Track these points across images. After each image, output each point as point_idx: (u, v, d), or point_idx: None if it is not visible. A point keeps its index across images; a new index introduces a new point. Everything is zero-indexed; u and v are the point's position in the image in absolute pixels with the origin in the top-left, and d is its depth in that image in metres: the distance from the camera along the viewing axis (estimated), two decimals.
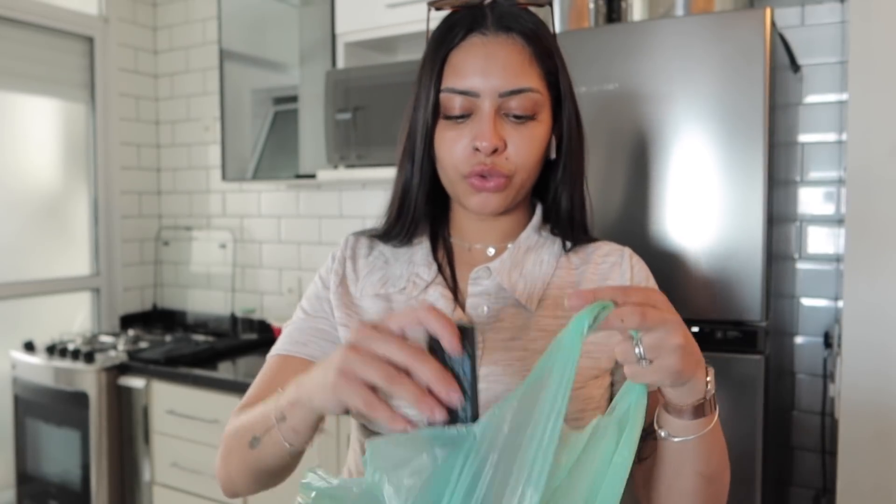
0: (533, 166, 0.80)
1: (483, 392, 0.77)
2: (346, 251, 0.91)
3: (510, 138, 0.78)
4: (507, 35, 0.78)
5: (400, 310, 0.84)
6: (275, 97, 2.62)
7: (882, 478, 1.41)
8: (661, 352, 0.57)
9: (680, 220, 1.46)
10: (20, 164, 2.72)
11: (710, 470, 0.68)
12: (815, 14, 1.87)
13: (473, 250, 0.88)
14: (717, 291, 1.43)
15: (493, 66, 0.77)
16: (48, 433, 2.47)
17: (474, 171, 0.78)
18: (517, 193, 0.81)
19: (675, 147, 1.46)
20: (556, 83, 0.81)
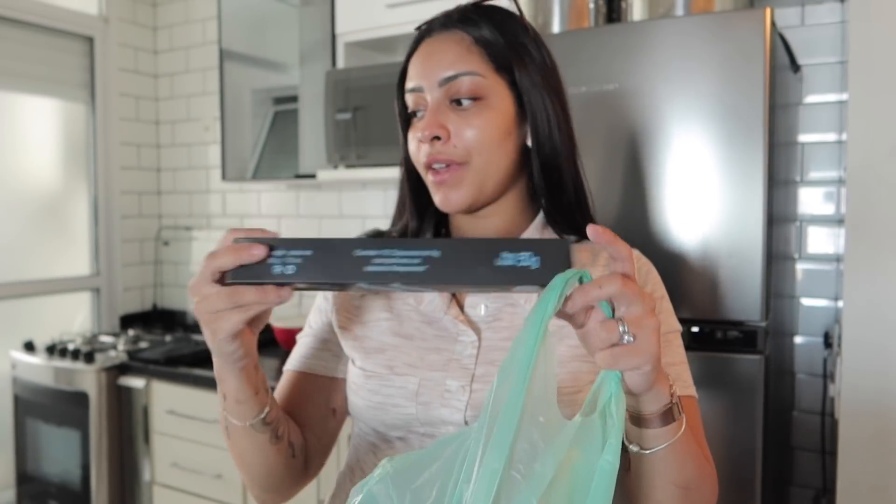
0: (490, 150, 0.78)
1: (478, 392, 0.77)
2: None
3: (455, 124, 0.78)
4: (449, 31, 0.81)
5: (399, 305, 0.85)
6: (275, 97, 2.62)
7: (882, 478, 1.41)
8: (643, 330, 0.57)
9: (680, 220, 1.46)
10: (20, 164, 2.72)
11: (685, 479, 0.67)
12: (815, 14, 1.87)
13: None
14: (717, 291, 1.43)
15: (431, 60, 0.79)
16: (48, 433, 2.47)
17: (426, 162, 0.79)
18: (482, 182, 0.79)
19: (675, 147, 1.45)
20: (509, 67, 0.79)
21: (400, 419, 0.80)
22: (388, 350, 0.82)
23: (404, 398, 0.79)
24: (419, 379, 0.79)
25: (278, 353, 2.48)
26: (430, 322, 0.83)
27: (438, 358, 0.80)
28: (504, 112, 0.79)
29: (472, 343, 0.80)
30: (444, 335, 0.82)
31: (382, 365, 0.81)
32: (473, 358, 0.79)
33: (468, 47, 0.79)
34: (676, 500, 0.69)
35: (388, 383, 0.80)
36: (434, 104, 0.79)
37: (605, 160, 1.52)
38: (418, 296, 0.85)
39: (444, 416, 0.77)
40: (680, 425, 0.64)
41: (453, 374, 0.79)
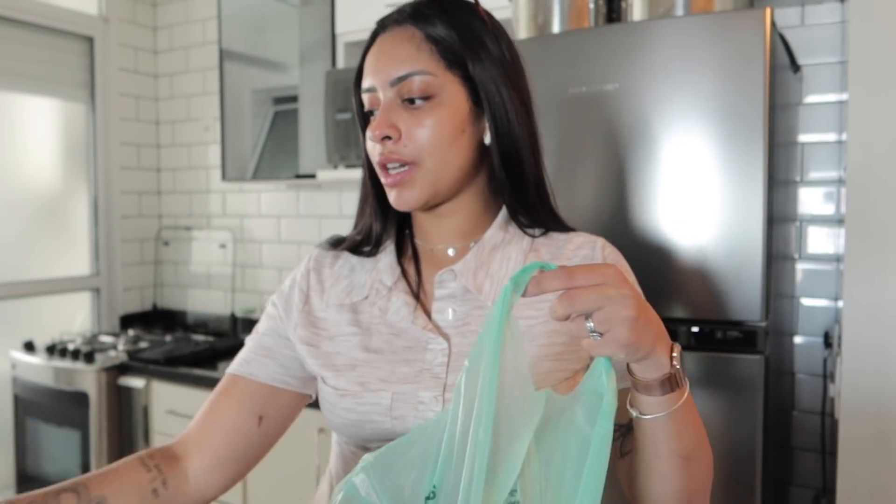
0: (443, 149, 0.77)
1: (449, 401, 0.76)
2: (309, 264, 0.91)
3: (405, 123, 0.77)
4: (401, 27, 0.79)
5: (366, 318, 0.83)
6: (275, 97, 2.62)
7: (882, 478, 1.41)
8: (612, 324, 0.57)
9: (680, 220, 1.46)
10: (20, 164, 2.72)
11: (687, 448, 0.68)
12: (815, 14, 1.87)
13: (436, 251, 0.86)
14: (717, 291, 1.43)
15: (383, 59, 0.79)
16: (48, 433, 2.47)
17: (378, 162, 0.79)
18: (437, 181, 0.79)
19: (675, 147, 1.45)
20: (462, 63, 0.78)
21: (377, 434, 0.79)
22: (359, 366, 0.81)
23: (379, 414, 0.78)
24: (391, 393, 0.78)
25: None
26: (399, 333, 0.81)
27: (409, 370, 0.79)
28: (457, 109, 0.78)
29: (441, 350, 0.79)
30: (414, 345, 0.80)
31: (355, 382, 0.80)
32: (444, 366, 0.78)
33: (418, 45, 0.78)
34: (677, 470, 0.69)
35: (362, 401, 0.79)
36: (386, 104, 0.78)
37: (605, 160, 1.52)
38: (384, 306, 0.83)
39: None
40: (681, 394, 0.64)
41: (425, 385, 0.78)
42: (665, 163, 1.47)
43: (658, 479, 0.71)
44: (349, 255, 0.89)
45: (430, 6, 0.80)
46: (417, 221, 0.88)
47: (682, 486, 0.70)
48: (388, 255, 0.86)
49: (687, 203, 1.45)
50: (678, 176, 1.46)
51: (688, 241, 1.46)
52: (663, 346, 0.62)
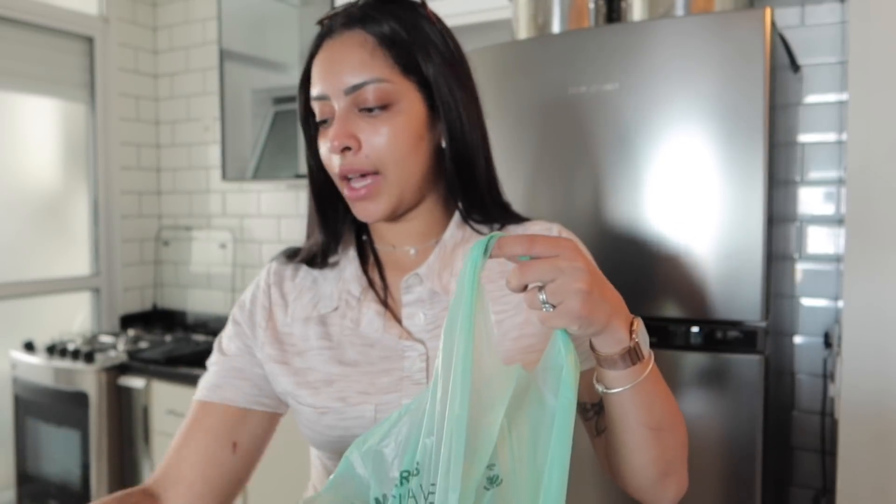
0: (404, 157, 0.76)
1: None
2: (269, 279, 0.87)
3: (364, 133, 0.75)
4: (350, 31, 0.76)
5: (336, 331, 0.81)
6: (275, 97, 2.62)
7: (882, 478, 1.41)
8: (564, 296, 0.58)
9: (679, 220, 1.46)
10: (20, 164, 2.72)
11: (656, 420, 0.68)
12: (815, 14, 1.87)
13: (397, 252, 0.85)
14: (717, 291, 1.43)
15: (334, 66, 0.75)
16: (48, 433, 2.47)
17: (339, 173, 0.77)
18: (402, 190, 0.77)
19: (675, 147, 1.45)
20: (418, 69, 0.77)
21: None
22: (337, 381, 0.78)
23: (363, 428, 0.76)
24: (374, 406, 0.76)
25: None
26: (372, 344, 0.80)
27: (389, 380, 0.77)
28: (415, 116, 0.77)
29: (420, 356, 0.78)
30: (390, 355, 0.79)
31: (334, 398, 0.77)
32: (423, 371, 0.77)
33: (372, 50, 0.75)
34: (649, 441, 0.69)
35: (345, 416, 0.77)
36: (342, 113, 0.75)
37: (605, 160, 1.52)
38: (356, 317, 0.81)
39: None
40: (644, 368, 0.65)
41: (407, 393, 0.77)
42: (665, 163, 1.47)
43: (631, 452, 0.71)
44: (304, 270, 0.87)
45: (379, 9, 0.77)
46: (375, 226, 0.86)
47: (656, 457, 0.71)
48: (352, 264, 0.84)
49: (687, 203, 1.45)
50: (678, 176, 1.46)
51: (687, 241, 1.45)
52: (620, 320, 0.62)
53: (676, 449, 0.73)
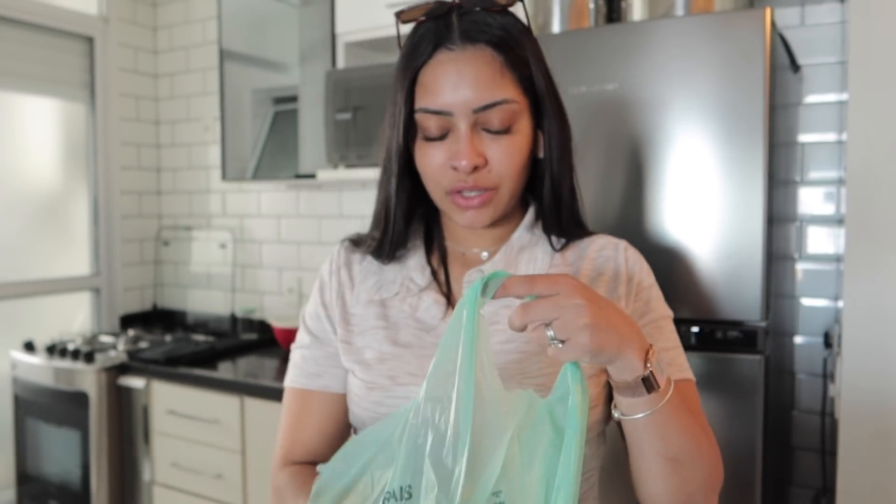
0: (518, 175, 0.80)
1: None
2: (339, 260, 0.91)
3: (490, 151, 0.77)
4: (475, 47, 0.76)
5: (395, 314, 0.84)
6: (275, 97, 2.61)
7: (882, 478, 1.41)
8: (571, 332, 0.60)
9: (680, 221, 1.46)
10: (20, 164, 2.72)
11: (672, 452, 0.68)
12: (815, 14, 1.87)
13: (468, 255, 0.88)
14: (717, 291, 1.43)
15: (463, 83, 0.75)
16: (48, 433, 2.47)
17: (455, 188, 0.78)
18: (507, 204, 0.81)
19: (675, 147, 1.46)
20: (532, 86, 0.79)
21: None
22: (388, 360, 0.81)
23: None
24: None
25: (278, 353, 2.48)
26: (428, 329, 0.82)
27: None
28: (528, 135, 0.80)
29: None
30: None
31: (384, 376, 0.81)
32: None
33: (500, 70, 0.76)
34: (665, 472, 0.69)
35: (392, 394, 0.80)
36: (469, 132, 0.76)
37: (605, 160, 1.52)
38: (415, 303, 0.84)
39: None
40: (661, 397, 0.65)
41: None
42: (665, 163, 1.47)
43: (647, 480, 0.72)
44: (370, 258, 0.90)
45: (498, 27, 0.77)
46: (451, 227, 0.89)
47: (674, 488, 0.71)
48: (418, 255, 0.87)
49: (687, 203, 1.45)
50: (678, 176, 1.46)
51: (688, 241, 1.46)
52: (633, 349, 0.63)
53: (698, 483, 0.72)
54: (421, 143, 0.80)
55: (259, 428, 2.11)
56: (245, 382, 2.12)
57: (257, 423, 2.11)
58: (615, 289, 0.83)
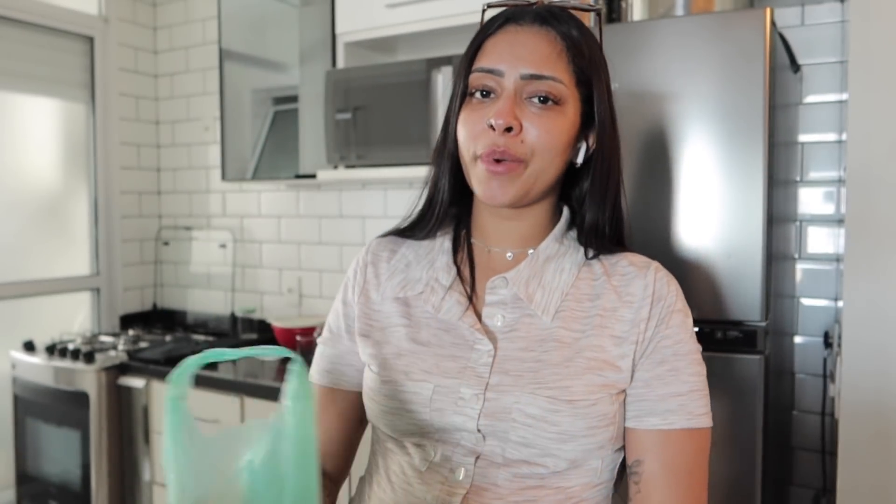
0: (552, 156, 0.79)
1: (491, 401, 0.77)
2: (367, 257, 0.92)
3: (528, 120, 0.77)
4: (542, 27, 0.79)
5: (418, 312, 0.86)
6: (275, 97, 2.62)
7: (882, 478, 1.41)
8: None
9: (680, 220, 1.46)
10: (20, 164, 2.72)
11: None
12: (815, 14, 1.87)
13: (493, 253, 0.87)
14: (717, 291, 1.43)
15: (520, 50, 0.78)
16: (48, 433, 2.47)
17: (486, 151, 0.78)
18: (532, 185, 0.80)
19: (675, 147, 1.46)
20: (587, 85, 0.81)
21: (414, 425, 0.80)
22: (406, 356, 0.82)
23: (419, 404, 0.79)
24: (434, 385, 0.79)
25: None
26: (448, 329, 0.83)
27: (454, 365, 0.80)
28: (573, 124, 0.80)
29: (487, 352, 0.80)
30: (461, 343, 0.82)
31: (399, 371, 0.82)
32: (488, 367, 0.79)
33: (559, 52, 0.78)
34: None
35: (403, 389, 0.80)
36: (512, 94, 0.77)
37: None
38: (437, 303, 0.84)
39: (457, 424, 0.78)
40: None
41: (468, 382, 0.79)
42: (665, 162, 1.47)
43: None
44: (405, 248, 0.91)
45: (569, 20, 0.80)
46: (479, 221, 0.88)
47: None
48: (445, 255, 0.87)
49: (687, 203, 1.45)
50: (678, 176, 1.46)
51: (688, 241, 1.46)
52: None
53: None
54: (466, 107, 0.81)
55: None
56: (245, 382, 2.12)
57: None
58: (639, 310, 0.81)
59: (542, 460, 0.76)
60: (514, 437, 0.76)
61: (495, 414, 0.76)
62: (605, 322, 0.80)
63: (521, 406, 0.76)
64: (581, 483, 0.78)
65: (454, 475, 0.78)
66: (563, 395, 0.76)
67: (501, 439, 0.76)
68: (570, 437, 0.75)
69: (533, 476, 0.77)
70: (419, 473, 0.80)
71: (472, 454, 0.78)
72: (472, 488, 0.77)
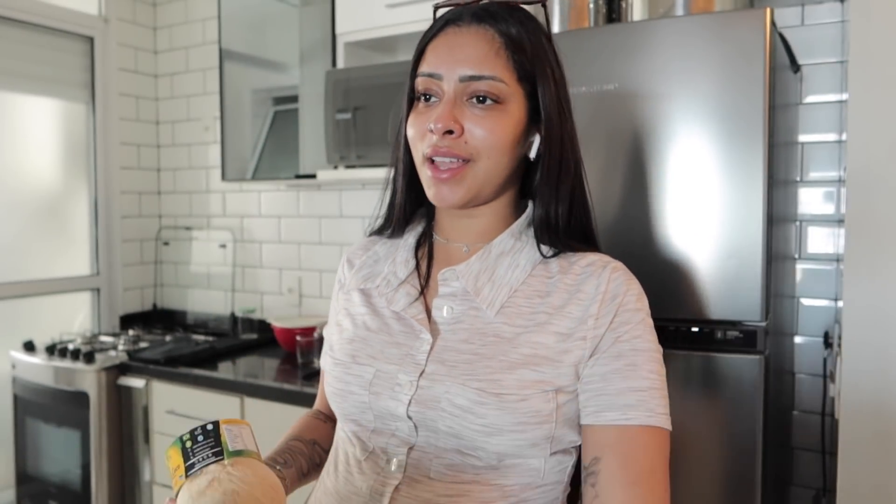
0: (498, 155, 0.80)
1: (423, 389, 0.79)
2: (347, 254, 0.99)
3: (470, 122, 0.78)
4: (480, 25, 0.80)
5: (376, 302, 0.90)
6: (275, 97, 2.61)
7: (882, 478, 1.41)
8: None
9: (680, 221, 1.46)
10: (20, 164, 2.72)
11: None
12: (815, 14, 1.87)
13: (451, 247, 0.89)
14: (717, 291, 1.43)
15: (457, 52, 0.79)
16: (48, 433, 2.47)
17: (430, 153, 0.79)
18: (482, 185, 0.81)
19: (675, 147, 1.45)
20: (531, 80, 0.80)
21: (356, 407, 0.82)
22: (356, 341, 0.86)
23: (360, 386, 0.82)
24: (375, 370, 0.82)
25: (278, 353, 2.48)
26: (399, 319, 0.86)
27: (397, 352, 0.83)
28: (518, 121, 0.81)
29: (426, 341, 0.82)
30: (409, 332, 0.84)
31: (348, 354, 0.85)
32: (426, 356, 0.81)
33: (497, 50, 0.79)
34: None
35: (349, 371, 0.84)
36: (451, 97, 0.79)
37: (605, 160, 1.52)
38: (390, 296, 0.88)
39: (391, 408, 0.80)
40: None
41: (406, 369, 0.81)
42: (665, 163, 1.47)
43: None
44: (379, 245, 0.96)
45: (510, 14, 0.80)
46: (439, 217, 0.91)
47: None
48: (407, 251, 0.91)
49: (687, 203, 1.45)
50: (678, 176, 1.46)
51: (688, 241, 1.46)
52: None
53: None
54: (413, 111, 0.83)
55: (259, 428, 2.10)
56: (245, 382, 2.12)
57: (258, 423, 2.10)
58: (588, 307, 0.80)
59: (474, 452, 0.76)
60: (442, 427, 0.77)
61: (425, 402, 0.78)
62: (551, 319, 0.80)
63: (450, 396, 0.77)
64: (521, 483, 0.78)
65: (389, 466, 0.80)
66: (491, 388, 0.75)
67: (432, 430, 0.78)
68: (496, 431, 0.75)
69: (467, 470, 0.77)
70: (359, 463, 0.82)
71: (406, 445, 0.79)
72: (404, 479, 0.78)
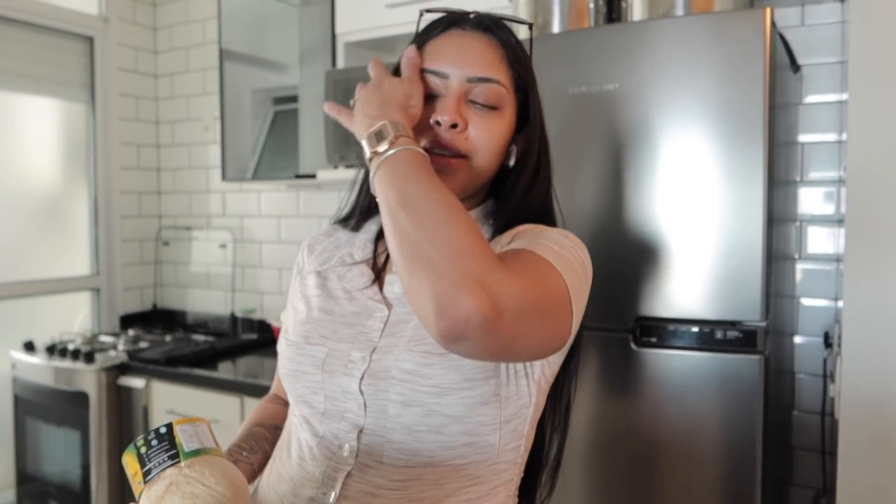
0: (492, 155, 0.84)
1: (375, 362, 0.80)
2: (308, 241, 1.01)
3: (472, 121, 0.82)
4: (484, 34, 0.85)
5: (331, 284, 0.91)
6: (275, 97, 2.62)
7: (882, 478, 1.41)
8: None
9: (679, 220, 1.46)
10: (20, 164, 2.72)
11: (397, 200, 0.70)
12: (815, 14, 1.87)
13: None
14: (717, 291, 1.43)
15: (465, 54, 0.83)
16: (48, 433, 2.47)
17: (431, 144, 0.81)
18: (472, 182, 0.84)
19: (675, 147, 1.45)
20: (523, 91, 0.86)
21: (309, 387, 0.83)
22: (309, 323, 0.87)
23: (313, 366, 0.83)
24: (328, 349, 0.83)
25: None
26: (352, 299, 0.87)
27: (350, 332, 0.84)
28: (509, 127, 0.86)
29: (381, 318, 0.84)
30: (362, 311, 0.85)
31: (301, 335, 0.86)
32: (379, 331, 0.82)
33: (500, 58, 0.84)
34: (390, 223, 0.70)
35: (302, 351, 0.85)
36: (458, 94, 0.82)
37: (605, 160, 1.52)
38: (343, 274, 0.90)
39: (344, 385, 0.80)
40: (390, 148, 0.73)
41: (358, 347, 0.82)
42: (665, 163, 1.47)
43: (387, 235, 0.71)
44: (341, 234, 0.97)
45: (507, 30, 0.86)
46: None
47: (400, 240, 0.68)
48: (367, 234, 0.92)
49: (687, 203, 1.45)
50: (678, 176, 1.46)
51: (688, 241, 1.46)
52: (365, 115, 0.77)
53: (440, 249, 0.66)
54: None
55: None
56: (245, 382, 2.12)
57: None
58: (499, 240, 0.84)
59: (425, 421, 0.76)
60: (393, 396, 0.77)
61: (377, 373, 0.79)
62: None
63: (399, 363, 0.78)
64: (476, 460, 0.79)
65: (341, 451, 0.80)
66: (437, 349, 0.77)
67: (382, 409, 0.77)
68: (445, 391, 0.76)
69: (421, 453, 0.77)
70: (311, 448, 0.83)
71: (355, 429, 0.79)
72: (356, 465, 0.79)
